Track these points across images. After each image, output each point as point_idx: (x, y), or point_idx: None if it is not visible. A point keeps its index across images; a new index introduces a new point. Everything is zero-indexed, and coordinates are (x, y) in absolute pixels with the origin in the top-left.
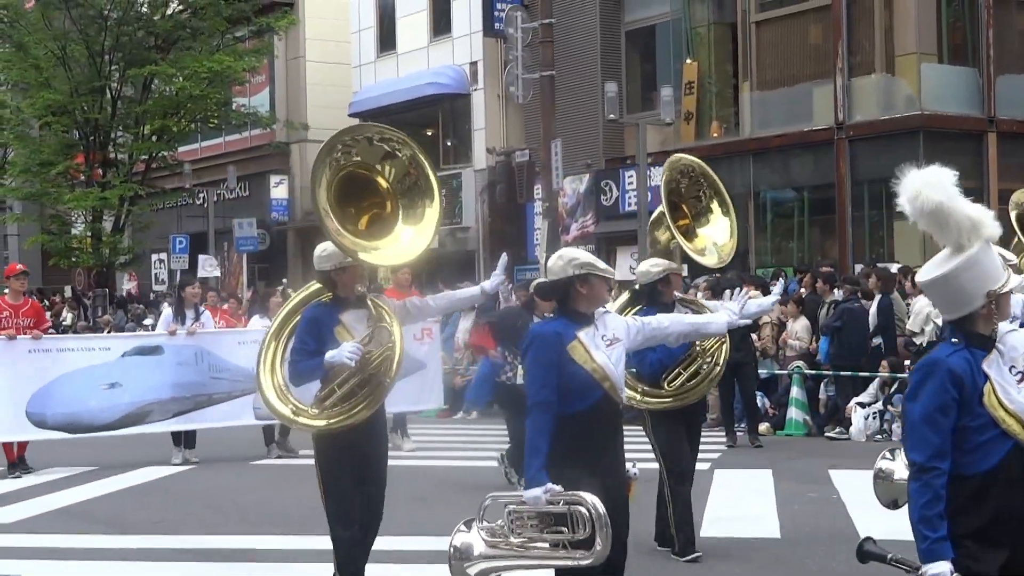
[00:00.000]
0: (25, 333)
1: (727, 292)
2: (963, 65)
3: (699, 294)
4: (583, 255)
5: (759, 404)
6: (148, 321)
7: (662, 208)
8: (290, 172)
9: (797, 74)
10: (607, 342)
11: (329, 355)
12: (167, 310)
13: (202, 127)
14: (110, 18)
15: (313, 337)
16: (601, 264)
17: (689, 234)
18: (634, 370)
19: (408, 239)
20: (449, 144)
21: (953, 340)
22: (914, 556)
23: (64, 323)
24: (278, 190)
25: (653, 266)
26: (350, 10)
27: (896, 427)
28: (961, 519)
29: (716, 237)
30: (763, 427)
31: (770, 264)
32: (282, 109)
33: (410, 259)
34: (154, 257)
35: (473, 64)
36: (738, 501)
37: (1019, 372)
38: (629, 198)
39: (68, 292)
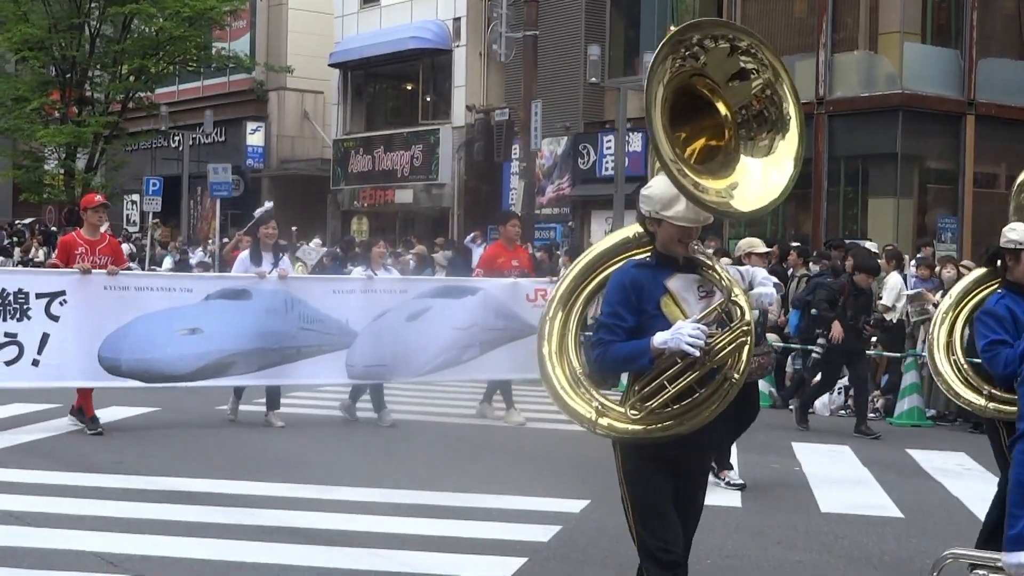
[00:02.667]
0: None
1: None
2: (946, 46)
3: None
4: None
5: None
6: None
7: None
8: (267, 119)
9: (780, 47)
10: None
11: (660, 338)
12: (244, 253)
13: (180, 69)
14: None
15: (631, 309)
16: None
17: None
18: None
19: (761, 177)
20: (428, 100)
21: None
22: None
23: (35, 260)
24: (254, 137)
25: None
26: None
27: None
28: None
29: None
30: None
31: (743, 234)
32: (262, 55)
33: (771, 202)
34: (126, 198)
35: (456, 20)
36: None
37: None
38: (606, 162)
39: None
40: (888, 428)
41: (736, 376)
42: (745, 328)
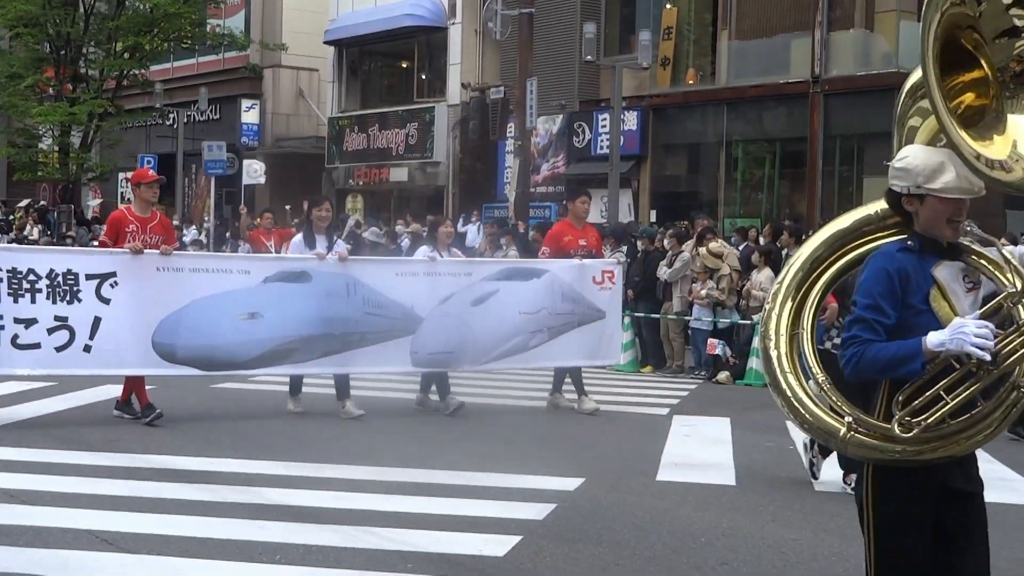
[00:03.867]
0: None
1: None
2: None
3: (666, 242)
4: None
5: (720, 352)
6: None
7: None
8: (262, 97)
9: (776, 25)
10: None
11: (936, 338)
12: (298, 237)
13: (175, 47)
14: None
15: (894, 303)
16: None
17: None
18: None
19: None
20: (423, 78)
21: None
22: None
23: (30, 237)
24: (249, 114)
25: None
26: None
27: None
28: None
29: None
30: (723, 376)
31: (738, 215)
32: (257, 32)
33: None
34: (121, 176)
35: None
36: (696, 448)
37: None
38: (601, 141)
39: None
40: None
41: None
42: None
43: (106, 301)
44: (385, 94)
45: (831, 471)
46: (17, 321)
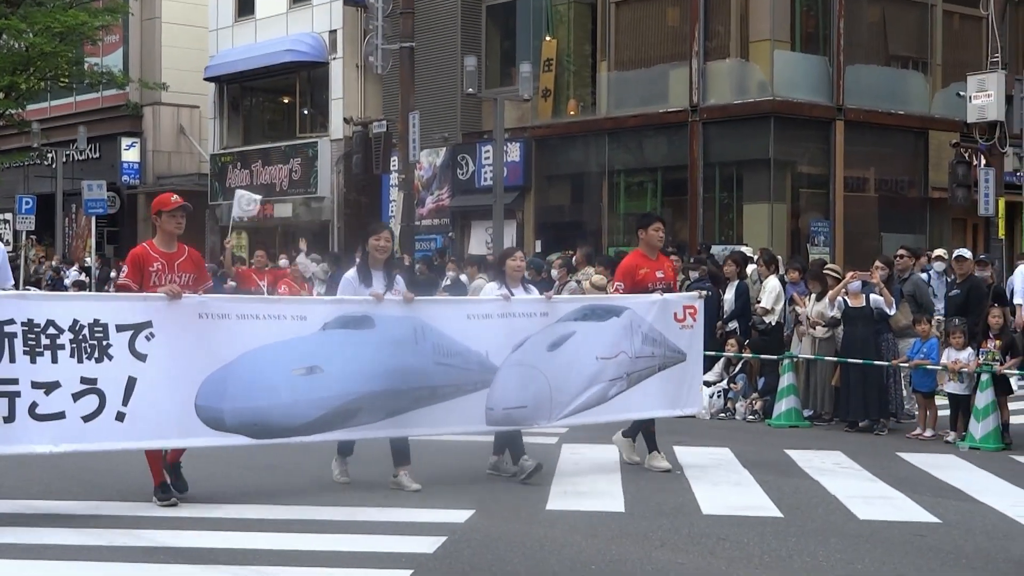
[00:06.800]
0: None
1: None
2: (814, 53)
3: (554, 272)
4: None
5: None
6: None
7: None
8: (142, 135)
9: (654, 56)
10: None
11: None
12: (350, 273)
13: (52, 85)
14: None
15: None
16: None
17: None
18: None
19: None
20: (306, 113)
21: None
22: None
23: None
24: (129, 153)
25: None
26: None
27: (740, 406)
28: None
29: None
30: None
31: (622, 244)
32: (136, 70)
33: None
34: None
35: (332, 32)
36: (584, 475)
37: None
38: (485, 173)
39: None
40: (767, 429)
41: None
42: None
43: (141, 357)
44: (267, 130)
45: (716, 498)
46: (36, 386)
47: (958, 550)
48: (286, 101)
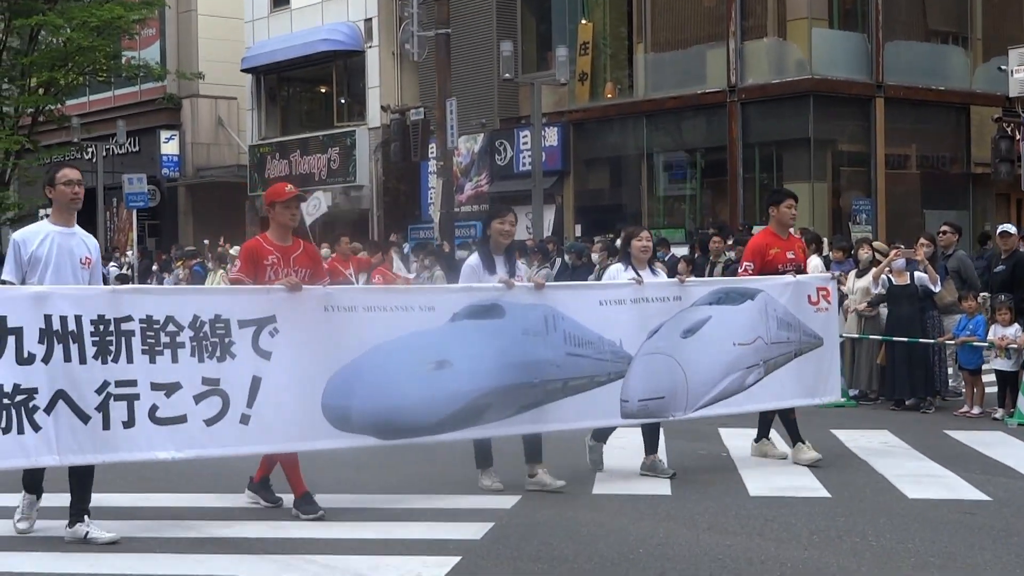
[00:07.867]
0: None
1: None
2: (853, 31)
3: (595, 256)
4: None
5: None
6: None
7: None
8: (181, 127)
9: (690, 37)
10: None
11: None
12: (473, 259)
13: (91, 80)
14: None
15: None
16: None
17: None
18: None
19: None
20: (343, 102)
21: None
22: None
23: None
24: (169, 145)
25: None
26: None
27: None
28: None
29: None
30: None
31: (663, 226)
32: (173, 63)
33: None
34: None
35: (368, 21)
36: (630, 458)
37: None
38: (523, 158)
39: None
40: (812, 410)
41: None
42: None
43: (266, 355)
44: (305, 120)
45: (763, 480)
46: (156, 387)
47: (1009, 528)
48: (323, 91)
